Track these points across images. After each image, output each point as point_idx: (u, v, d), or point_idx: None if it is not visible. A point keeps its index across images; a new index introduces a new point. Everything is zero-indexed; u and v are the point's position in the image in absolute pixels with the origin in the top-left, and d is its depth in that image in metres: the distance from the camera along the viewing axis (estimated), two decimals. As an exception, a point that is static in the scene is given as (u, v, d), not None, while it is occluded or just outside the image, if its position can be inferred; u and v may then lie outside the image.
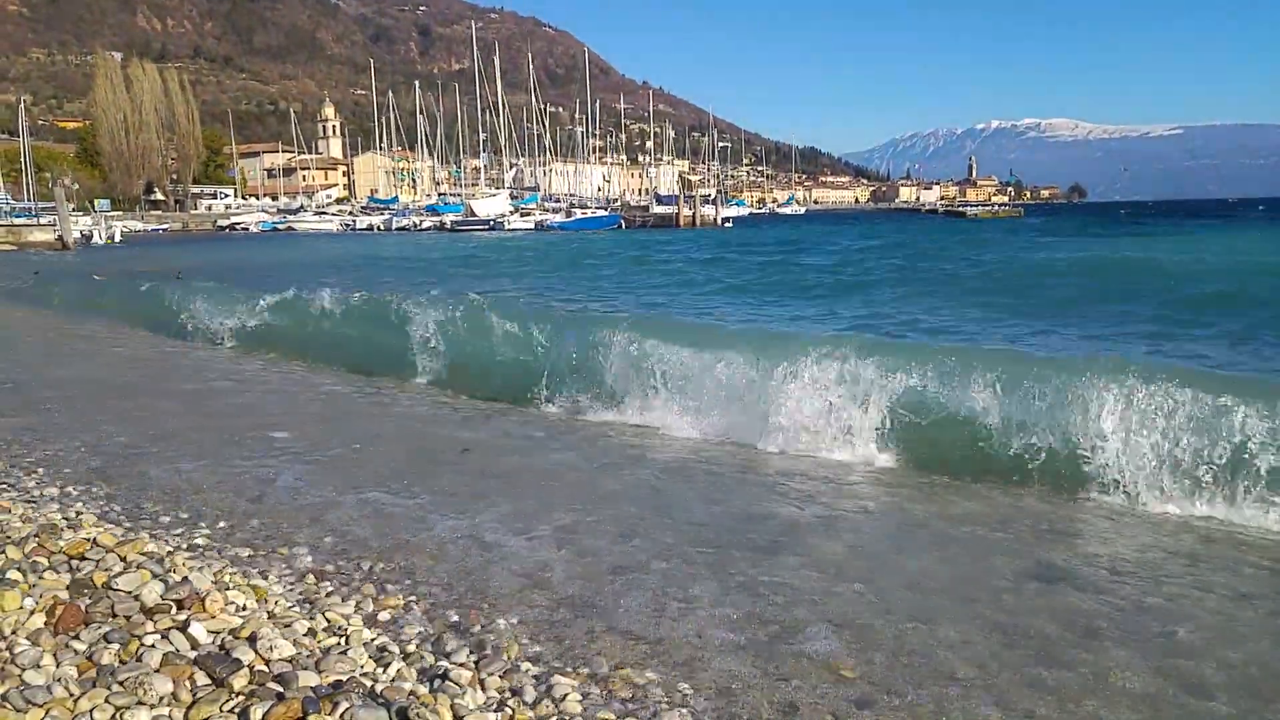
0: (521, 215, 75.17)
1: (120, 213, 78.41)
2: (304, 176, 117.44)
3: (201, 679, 2.87)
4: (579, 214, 77.85)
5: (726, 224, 78.71)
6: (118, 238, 59.91)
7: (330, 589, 3.77)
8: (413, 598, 3.71)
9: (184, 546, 4.14)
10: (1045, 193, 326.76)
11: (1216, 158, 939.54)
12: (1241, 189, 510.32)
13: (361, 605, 3.61)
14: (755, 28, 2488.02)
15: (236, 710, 2.72)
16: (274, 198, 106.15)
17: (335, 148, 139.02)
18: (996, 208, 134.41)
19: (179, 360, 10.83)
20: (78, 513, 4.52)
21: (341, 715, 2.71)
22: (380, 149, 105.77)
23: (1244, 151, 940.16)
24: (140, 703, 2.71)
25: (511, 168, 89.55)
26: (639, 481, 5.62)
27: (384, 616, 3.54)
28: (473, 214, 74.69)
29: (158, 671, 2.86)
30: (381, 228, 79.60)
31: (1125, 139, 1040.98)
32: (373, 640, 3.29)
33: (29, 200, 70.52)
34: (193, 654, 3.01)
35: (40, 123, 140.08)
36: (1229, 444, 5.00)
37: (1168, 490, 5.17)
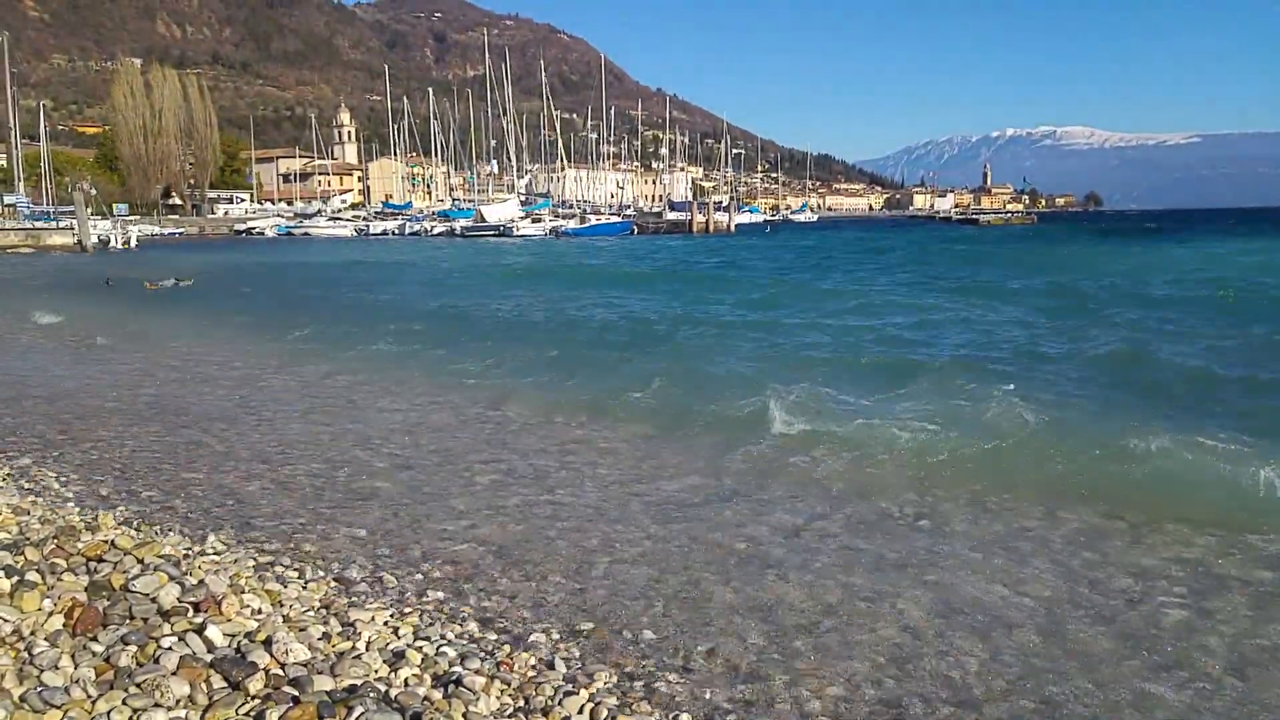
0: (533, 221, 75.31)
1: (137, 217, 78.95)
2: (319, 181, 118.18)
3: (218, 682, 2.89)
4: (592, 219, 77.99)
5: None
6: (134, 242, 60.27)
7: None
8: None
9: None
10: (1060, 201, 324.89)
11: (1234, 166, 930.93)
12: (1260, 198, 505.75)
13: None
14: (770, 35, 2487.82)
15: (252, 713, 2.73)
16: (289, 202, 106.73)
17: (351, 153, 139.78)
18: (1009, 216, 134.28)
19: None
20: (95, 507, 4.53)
21: (356, 719, 2.72)
22: (395, 155, 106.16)
23: (1263, 160, 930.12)
24: (157, 705, 2.72)
25: (525, 174, 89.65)
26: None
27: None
28: (483, 220, 74.92)
29: (174, 674, 2.88)
30: (395, 233, 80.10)
31: (1142, 147, 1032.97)
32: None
33: (48, 204, 71.16)
34: (209, 657, 3.02)
35: (60, 128, 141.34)
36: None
37: None
